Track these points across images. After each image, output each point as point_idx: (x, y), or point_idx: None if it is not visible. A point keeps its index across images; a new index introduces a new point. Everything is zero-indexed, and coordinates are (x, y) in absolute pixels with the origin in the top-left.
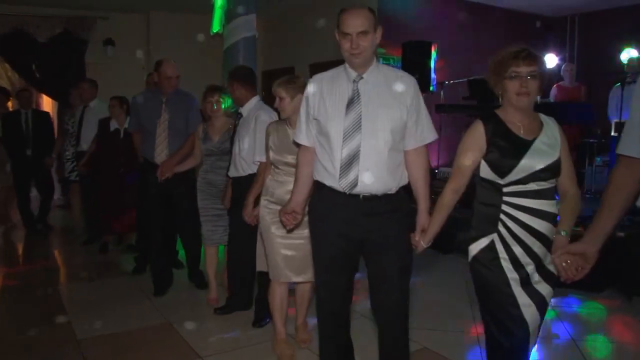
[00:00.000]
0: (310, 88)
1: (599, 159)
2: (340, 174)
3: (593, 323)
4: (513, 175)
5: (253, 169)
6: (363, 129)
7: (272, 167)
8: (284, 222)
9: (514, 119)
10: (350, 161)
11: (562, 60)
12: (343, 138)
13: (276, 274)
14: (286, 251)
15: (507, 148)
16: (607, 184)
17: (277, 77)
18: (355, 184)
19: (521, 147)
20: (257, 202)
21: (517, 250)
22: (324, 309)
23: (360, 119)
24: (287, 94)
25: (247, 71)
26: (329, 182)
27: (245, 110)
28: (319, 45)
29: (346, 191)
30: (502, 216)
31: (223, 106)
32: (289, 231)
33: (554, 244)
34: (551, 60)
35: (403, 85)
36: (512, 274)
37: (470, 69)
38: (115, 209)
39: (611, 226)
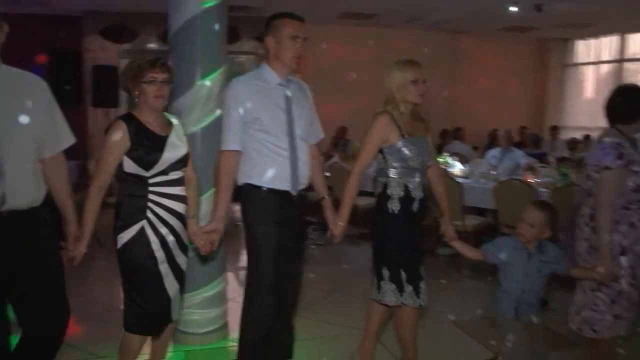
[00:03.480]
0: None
1: None
2: None
3: None
4: (157, 168)
5: None
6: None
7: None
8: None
9: (149, 119)
10: None
11: None
12: None
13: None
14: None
15: (149, 145)
16: (217, 174)
17: None
18: (3, 201)
19: (160, 142)
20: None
21: (164, 231)
22: None
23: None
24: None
25: None
26: None
27: None
28: None
29: None
30: (149, 204)
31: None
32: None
33: (189, 228)
34: None
35: (33, 86)
36: (159, 254)
37: None
38: None
39: (229, 203)
